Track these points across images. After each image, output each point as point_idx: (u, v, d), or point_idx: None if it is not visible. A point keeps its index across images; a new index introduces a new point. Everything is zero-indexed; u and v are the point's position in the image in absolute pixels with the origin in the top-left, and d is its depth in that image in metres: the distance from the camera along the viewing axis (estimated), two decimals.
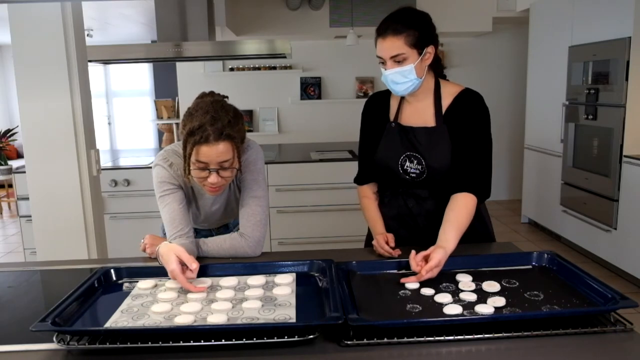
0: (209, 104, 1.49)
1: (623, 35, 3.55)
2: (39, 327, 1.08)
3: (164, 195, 1.60)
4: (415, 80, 1.57)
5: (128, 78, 8.79)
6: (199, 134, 1.43)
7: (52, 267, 1.67)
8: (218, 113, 1.46)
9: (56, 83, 2.18)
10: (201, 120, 1.44)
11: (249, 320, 1.17)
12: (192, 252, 1.55)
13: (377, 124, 1.73)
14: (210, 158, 1.46)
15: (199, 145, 1.44)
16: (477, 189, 1.58)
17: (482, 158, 1.61)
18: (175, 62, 5.63)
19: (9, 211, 6.55)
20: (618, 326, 1.11)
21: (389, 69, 1.56)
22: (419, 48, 1.54)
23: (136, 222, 3.55)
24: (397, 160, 1.66)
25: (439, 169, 1.61)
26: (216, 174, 1.49)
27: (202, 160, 1.46)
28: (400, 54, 1.53)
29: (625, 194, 3.61)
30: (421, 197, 1.68)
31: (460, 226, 1.52)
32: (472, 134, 1.61)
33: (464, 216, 1.54)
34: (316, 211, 3.75)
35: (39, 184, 2.23)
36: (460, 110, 1.62)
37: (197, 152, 1.45)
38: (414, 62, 1.54)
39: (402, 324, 1.13)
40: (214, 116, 1.45)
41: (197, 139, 1.43)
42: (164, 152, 1.66)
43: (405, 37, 1.52)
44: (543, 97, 4.80)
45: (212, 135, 1.43)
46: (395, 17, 1.55)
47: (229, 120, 1.47)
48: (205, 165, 1.47)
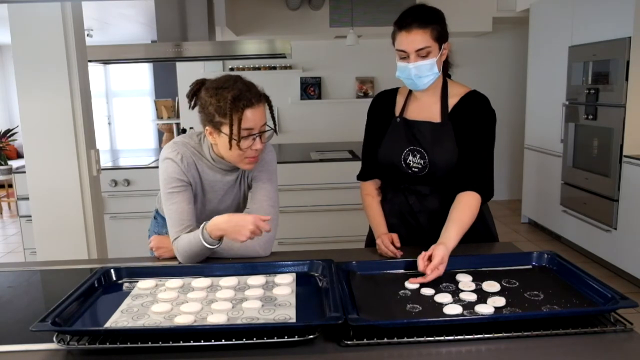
0: (228, 78, 1.53)
1: (623, 35, 3.55)
2: (39, 327, 1.08)
3: (172, 192, 1.57)
4: (436, 74, 1.59)
5: (128, 78, 8.79)
6: (243, 100, 1.47)
7: (52, 267, 1.67)
8: (242, 81, 1.53)
9: (56, 83, 2.18)
10: (238, 88, 1.48)
11: (249, 320, 1.17)
12: None
13: (382, 120, 1.74)
14: (255, 122, 1.50)
15: (244, 110, 1.47)
16: (481, 188, 1.59)
17: (486, 158, 1.62)
18: (175, 62, 5.63)
19: (9, 211, 6.55)
20: (618, 326, 1.11)
21: (413, 62, 1.55)
22: (440, 43, 1.56)
23: (136, 222, 3.54)
24: (400, 154, 1.66)
25: (441, 165, 1.62)
26: (260, 139, 1.53)
27: (248, 126, 1.49)
28: (426, 47, 1.53)
29: (625, 194, 3.61)
30: (422, 194, 1.68)
31: (463, 224, 1.52)
32: (477, 134, 1.62)
33: (466, 215, 1.54)
34: (316, 211, 3.75)
35: (39, 184, 2.23)
36: (466, 110, 1.64)
37: (244, 118, 1.48)
38: (436, 57, 1.56)
39: (402, 324, 1.13)
40: (244, 82, 1.52)
41: (245, 104, 1.47)
42: (173, 144, 1.62)
43: (431, 30, 1.53)
44: (543, 97, 4.80)
45: (254, 97, 1.49)
46: (418, 11, 1.56)
47: (253, 84, 1.54)
48: (250, 131, 1.50)
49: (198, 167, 1.62)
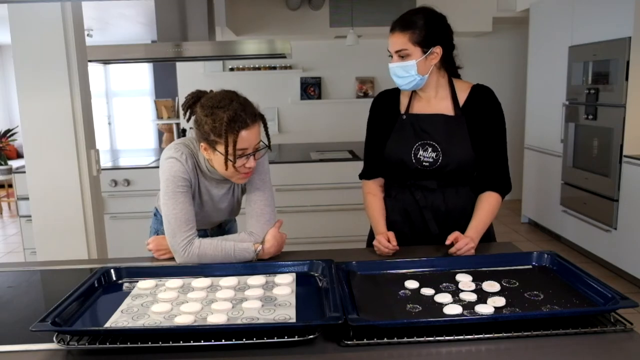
0: (224, 96, 1.51)
1: (623, 35, 3.55)
2: (39, 327, 1.08)
3: (177, 192, 1.55)
4: (416, 76, 1.63)
5: (128, 78, 8.78)
6: (238, 122, 1.46)
7: (52, 267, 1.67)
8: (239, 98, 1.51)
9: (56, 83, 2.18)
10: (234, 109, 1.47)
11: (248, 320, 1.17)
12: None
13: (386, 119, 1.75)
14: (250, 142, 1.50)
15: (239, 132, 1.47)
16: (501, 187, 1.70)
17: (502, 155, 1.71)
18: (175, 62, 5.64)
19: (9, 211, 6.55)
20: (618, 326, 1.11)
21: (394, 62, 1.65)
22: (424, 47, 1.61)
23: (136, 222, 3.54)
24: (410, 150, 1.67)
25: (454, 158, 1.64)
26: (253, 157, 1.53)
27: (243, 146, 1.49)
28: (403, 49, 1.62)
29: (625, 194, 3.61)
30: (429, 189, 1.69)
31: (485, 225, 1.67)
32: (492, 131, 1.68)
33: (488, 216, 1.68)
34: (316, 211, 3.75)
35: (39, 184, 2.23)
36: (477, 103, 1.69)
37: (240, 140, 1.48)
38: (416, 59, 1.61)
39: (402, 324, 1.13)
40: (240, 102, 1.50)
41: (240, 126, 1.46)
42: (175, 145, 1.61)
43: (410, 34, 1.60)
44: (543, 97, 4.80)
45: (249, 118, 1.48)
46: (407, 14, 1.64)
47: (249, 102, 1.53)
48: (244, 151, 1.50)
49: (197, 171, 1.63)
